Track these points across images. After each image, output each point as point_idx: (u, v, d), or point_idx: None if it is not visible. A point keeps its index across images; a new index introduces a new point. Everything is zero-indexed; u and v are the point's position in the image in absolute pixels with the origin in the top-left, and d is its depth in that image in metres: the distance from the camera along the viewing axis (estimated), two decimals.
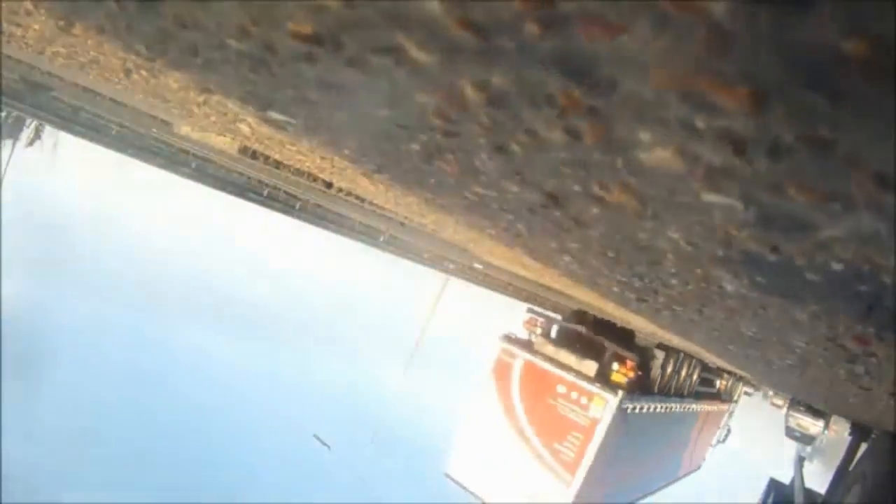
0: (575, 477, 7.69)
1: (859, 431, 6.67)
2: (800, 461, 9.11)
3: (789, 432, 14.87)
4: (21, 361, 23.44)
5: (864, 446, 6.29)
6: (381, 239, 13.93)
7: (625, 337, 8.28)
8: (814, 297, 0.87)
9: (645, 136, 0.57)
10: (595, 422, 7.73)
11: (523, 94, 0.59)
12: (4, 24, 1.67)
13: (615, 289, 2.06)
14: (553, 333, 8.80)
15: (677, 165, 0.60)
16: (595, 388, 7.84)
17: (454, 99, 0.69)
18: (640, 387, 8.56)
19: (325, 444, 16.48)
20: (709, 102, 0.46)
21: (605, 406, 7.76)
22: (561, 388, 8.00)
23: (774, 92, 0.42)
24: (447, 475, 9.34)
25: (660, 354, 9.13)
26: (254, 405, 34.15)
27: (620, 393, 7.78)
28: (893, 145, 0.41)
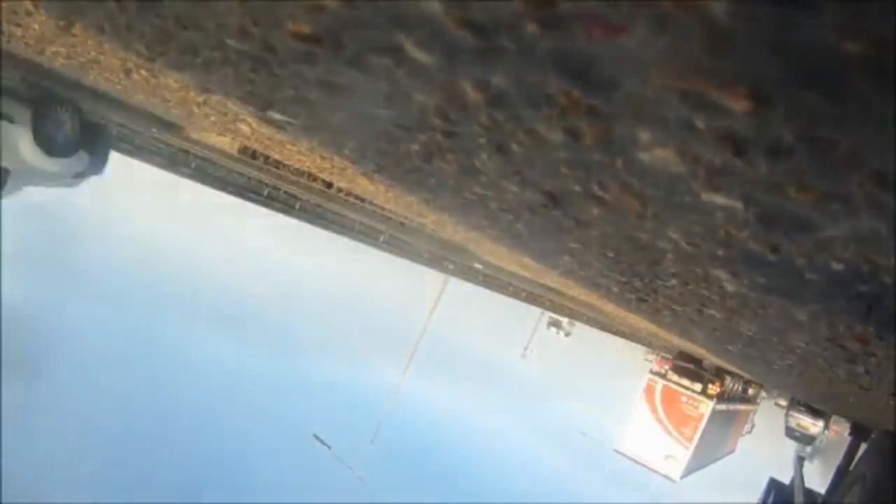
0: (691, 444, 14.94)
1: (859, 431, 6.66)
2: (800, 461, 9.11)
3: (789, 432, 14.91)
4: (21, 361, 23.43)
5: (864, 446, 6.29)
6: (381, 239, 13.93)
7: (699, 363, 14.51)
8: (814, 297, 0.87)
9: (645, 136, 0.57)
10: (701, 416, 14.90)
11: (523, 94, 0.59)
12: (4, 24, 1.67)
13: (615, 289, 2.06)
14: (672, 367, 15.74)
15: (677, 165, 0.60)
16: (701, 397, 14.90)
17: (454, 99, 0.69)
18: (720, 395, 15.21)
19: (325, 444, 16.49)
20: (709, 102, 0.46)
21: (706, 407, 14.87)
22: (683, 398, 15.19)
23: (774, 92, 0.42)
24: (616, 450, 16.19)
25: (723, 374, 15.03)
26: (254, 405, 34.15)
27: (714, 399, 14.80)
28: (893, 145, 0.41)
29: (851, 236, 0.58)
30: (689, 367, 15.30)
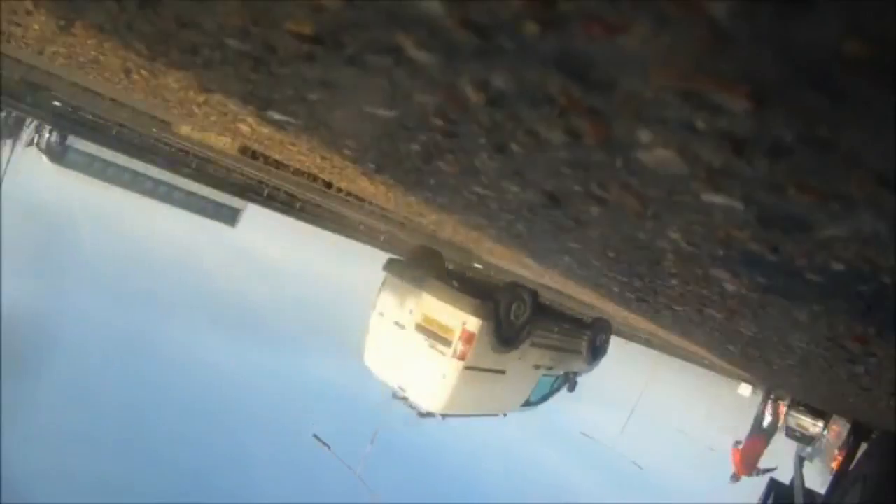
0: None
1: (859, 431, 6.66)
2: (800, 461, 9.10)
3: (789, 432, 14.88)
4: (20, 361, 23.41)
5: (864, 446, 6.28)
6: (381, 239, 13.93)
7: None
8: (814, 297, 0.87)
9: (645, 136, 0.57)
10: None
11: (523, 94, 0.59)
12: (4, 24, 1.67)
13: (615, 289, 2.06)
14: None
15: (677, 165, 0.60)
16: None
17: (454, 99, 0.69)
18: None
19: (325, 444, 16.49)
20: (709, 102, 0.46)
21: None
22: None
23: (774, 92, 0.42)
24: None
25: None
26: (254, 405, 34.15)
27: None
28: (893, 145, 0.41)
29: (851, 236, 0.58)
30: None
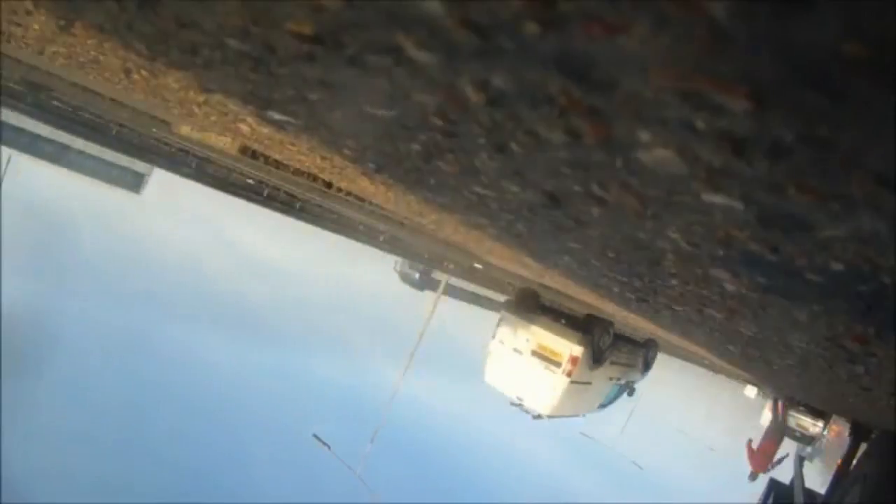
0: None
1: (859, 431, 6.66)
2: (800, 461, 9.11)
3: (789, 432, 14.90)
4: (20, 361, 23.42)
5: (864, 446, 6.28)
6: (381, 239, 13.93)
7: None
8: (814, 297, 0.87)
9: (645, 136, 0.57)
10: None
11: (523, 94, 0.59)
12: (4, 24, 1.67)
13: (615, 289, 2.06)
14: None
15: (677, 165, 0.60)
16: None
17: (454, 99, 0.69)
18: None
19: (325, 444, 16.49)
20: (709, 102, 0.46)
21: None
22: None
23: (774, 92, 0.42)
24: None
25: None
26: (254, 405, 34.14)
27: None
28: (893, 145, 0.41)
29: (851, 236, 0.58)
30: None
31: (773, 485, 8.64)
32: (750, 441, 12.21)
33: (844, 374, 1.57)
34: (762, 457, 11.77)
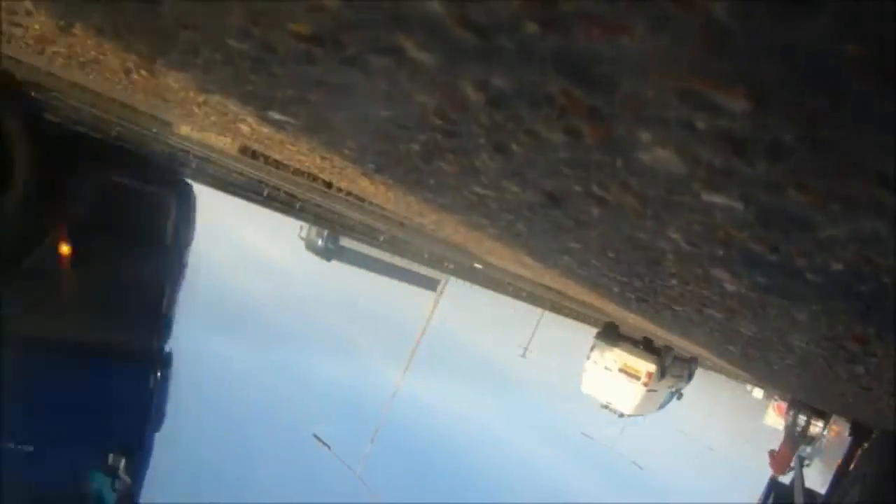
0: None
1: (859, 431, 6.66)
2: (800, 461, 9.12)
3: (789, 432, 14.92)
4: None
5: (864, 446, 6.28)
6: (381, 239, 13.93)
7: None
8: (814, 297, 0.87)
9: (645, 136, 0.57)
10: None
11: (523, 94, 0.59)
12: (4, 24, 1.67)
13: (615, 289, 2.06)
14: None
15: (677, 165, 0.60)
16: None
17: (454, 99, 0.69)
18: None
19: (325, 444, 16.50)
20: (709, 102, 0.46)
21: None
22: None
23: (774, 92, 0.42)
24: None
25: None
26: (254, 405, 34.12)
27: None
28: (893, 145, 0.41)
29: (851, 236, 0.58)
30: None
31: (774, 485, 8.64)
32: (771, 451, 13.38)
33: (844, 374, 1.57)
34: (781, 460, 12.95)
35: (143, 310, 5.52)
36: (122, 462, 5.08)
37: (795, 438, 13.20)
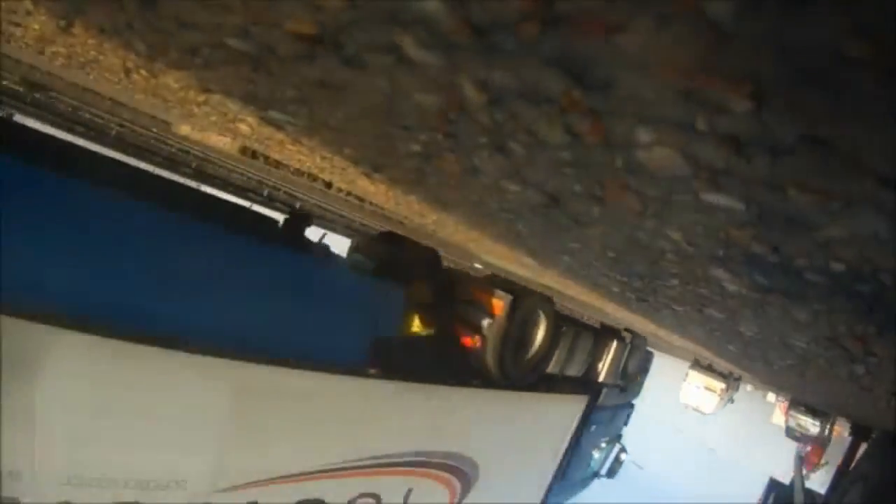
0: None
1: (859, 431, 6.66)
2: (800, 461, 9.11)
3: (789, 432, 14.93)
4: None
5: (864, 446, 6.28)
6: None
7: None
8: (814, 297, 0.87)
9: (645, 135, 0.57)
10: None
11: (523, 94, 0.59)
12: (4, 24, 1.67)
13: (615, 289, 2.06)
14: None
15: (678, 165, 0.60)
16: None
17: (454, 99, 0.69)
18: None
19: None
20: (709, 102, 0.46)
21: None
22: None
23: (775, 91, 0.42)
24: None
25: None
26: None
27: None
28: (893, 145, 0.41)
29: (851, 236, 0.58)
30: None
31: (774, 485, 8.65)
32: (798, 452, 14.89)
33: (845, 374, 1.57)
34: (809, 459, 14.56)
35: None
36: None
37: (823, 439, 14.94)
